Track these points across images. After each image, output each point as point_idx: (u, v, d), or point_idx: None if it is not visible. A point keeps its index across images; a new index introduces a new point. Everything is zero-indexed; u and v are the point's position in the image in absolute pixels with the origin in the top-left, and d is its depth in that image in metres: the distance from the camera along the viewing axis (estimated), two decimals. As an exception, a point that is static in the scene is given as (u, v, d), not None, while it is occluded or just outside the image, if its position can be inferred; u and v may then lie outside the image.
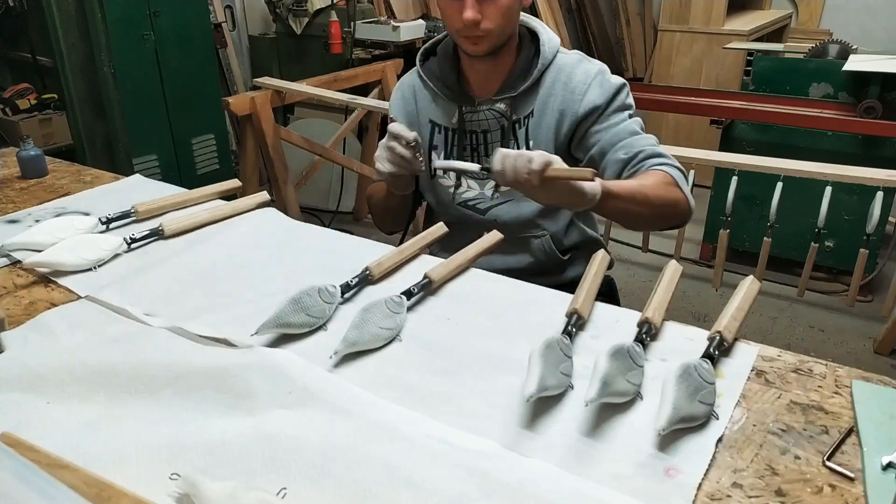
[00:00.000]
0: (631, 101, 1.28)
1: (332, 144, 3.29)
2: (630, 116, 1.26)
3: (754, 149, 2.74)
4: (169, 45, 2.86)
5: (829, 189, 2.00)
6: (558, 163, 0.99)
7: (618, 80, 1.27)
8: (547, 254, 1.35)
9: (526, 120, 1.28)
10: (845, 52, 3.08)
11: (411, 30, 3.58)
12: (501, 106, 1.27)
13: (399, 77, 3.38)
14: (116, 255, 1.16)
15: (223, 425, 0.74)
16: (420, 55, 1.37)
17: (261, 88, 2.94)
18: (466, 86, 1.31)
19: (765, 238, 2.18)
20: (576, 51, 1.31)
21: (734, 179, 2.11)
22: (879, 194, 1.94)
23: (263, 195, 1.39)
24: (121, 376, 0.81)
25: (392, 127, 1.20)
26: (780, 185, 2.06)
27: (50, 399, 0.79)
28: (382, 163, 1.21)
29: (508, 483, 0.66)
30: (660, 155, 1.20)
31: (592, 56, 1.31)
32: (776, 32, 4.50)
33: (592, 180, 0.99)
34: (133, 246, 1.18)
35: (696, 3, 4.08)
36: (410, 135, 1.18)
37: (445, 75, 1.31)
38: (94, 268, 1.12)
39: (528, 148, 1.28)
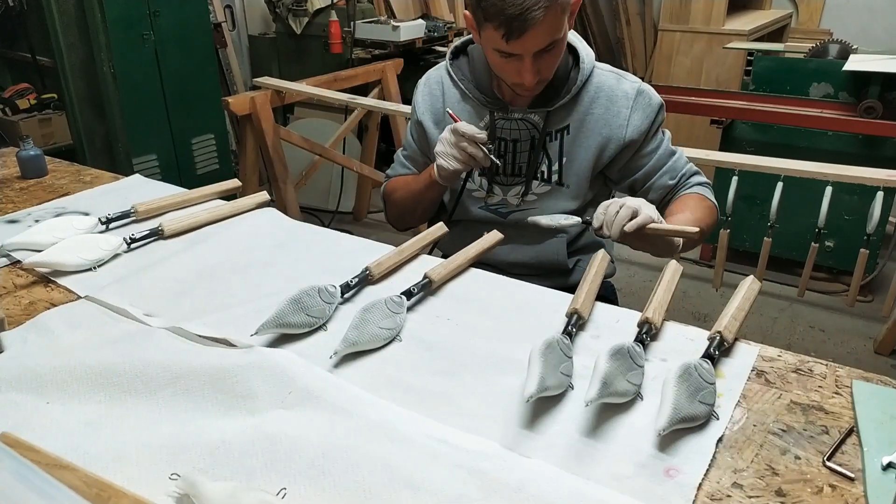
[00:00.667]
0: (664, 115, 1.31)
1: (331, 144, 3.29)
2: (663, 132, 1.32)
3: (755, 149, 2.74)
4: (169, 44, 2.86)
5: (829, 189, 1.99)
6: (657, 218, 1.08)
7: (657, 99, 1.29)
8: (558, 254, 1.35)
9: (559, 134, 1.28)
10: (845, 51, 3.08)
11: (411, 30, 3.58)
12: (535, 118, 1.27)
13: (399, 76, 3.43)
14: (116, 255, 1.16)
15: (223, 425, 0.74)
16: (450, 52, 1.36)
17: (260, 88, 2.94)
18: (500, 92, 1.30)
19: (765, 238, 2.18)
20: (607, 65, 1.32)
21: (734, 179, 2.11)
22: (880, 194, 1.93)
23: (263, 195, 1.39)
24: (121, 376, 0.81)
25: (461, 126, 1.19)
26: (780, 185, 2.06)
27: (50, 399, 0.79)
28: (449, 160, 1.21)
29: (508, 483, 0.66)
30: (696, 173, 1.33)
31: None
32: (776, 32, 4.50)
33: (697, 237, 1.09)
34: (133, 246, 1.18)
35: (696, 2, 4.07)
36: (481, 135, 1.19)
37: (480, 80, 1.31)
38: (94, 268, 1.12)
39: (560, 164, 1.29)
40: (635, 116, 1.26)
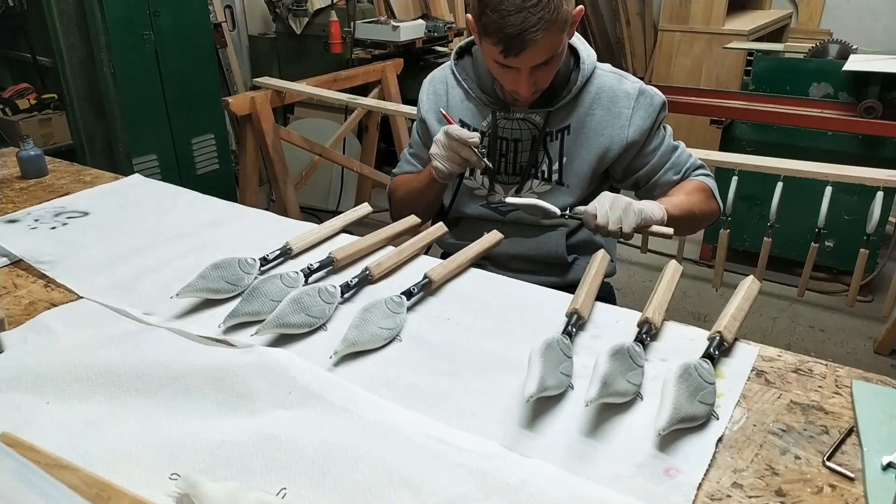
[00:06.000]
0: (666, 112, 1.32)
1: (331, 144, 3.29)
2: (664, 128, 1.33)
3: (754, 149, 2.74)
4: (169, 44, 2.86)
5: (829, 189, 2.00)
6: (650, 216, 1.13)
7: (659, 98, 1.29)
8: (557, 247, 1.36)
9: (559, 134, 1.29)
10: (845, 51, 3.08)
11: (411, 30, 3.58)
12: (536, 118, 1.28)
13: (399, 76, 3.43)
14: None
15: (223, 425, 0.74)
16: (455, 53, 1.37)
17: (261, 88, 2.94)
18: (501, 93, 1.30)
19: (765, 238, 2.18)
20: (608, 65, 1.32)
21: (734, 179, 2.11)
22: (879, 194, 1.93)
23: (365, 207, 1.30)
24: (121, 376, 0.81)
25: (452, 130, 1.20)
26: (780, 185, 2.06)
27: (50, 399, 0.79)
28: (443, 162, 1.22)
29: (508, 483, 0.66)
30: (700, 166, 1.34)
31: None
32: (776, 32, 4.50)
33: (671, 237, 1.14)
34: (264, 267, 1.09)
35: (696, 2, 4.08)
36: (473, 138, 1.19)
37: (483, 80, 1.32)
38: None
39: (560, 164, 1.30)
40: (637, 116, 1.26)
